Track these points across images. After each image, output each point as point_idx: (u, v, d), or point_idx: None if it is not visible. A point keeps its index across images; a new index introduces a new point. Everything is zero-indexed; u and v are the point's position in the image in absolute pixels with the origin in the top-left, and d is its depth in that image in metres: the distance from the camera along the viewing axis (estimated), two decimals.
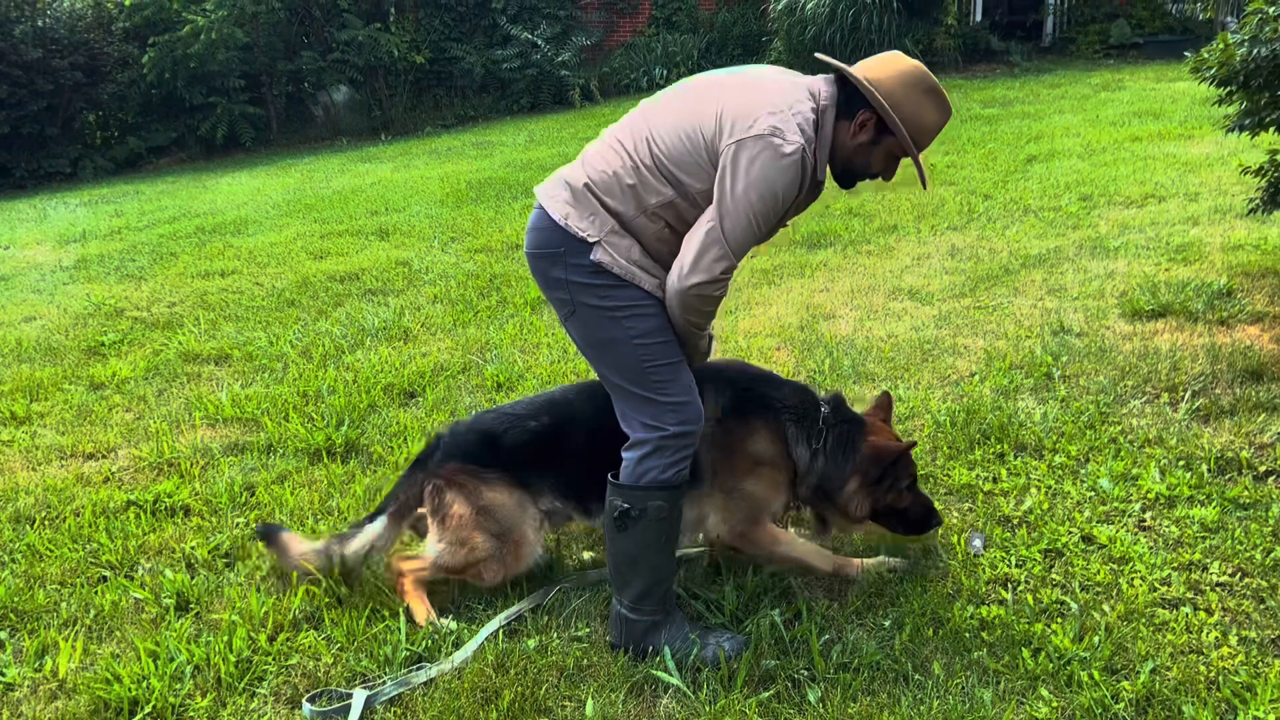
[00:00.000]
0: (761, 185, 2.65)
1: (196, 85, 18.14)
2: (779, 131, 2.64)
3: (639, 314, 2.82)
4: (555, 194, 2.87)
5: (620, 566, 2.93)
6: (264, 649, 3.06)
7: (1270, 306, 5.16)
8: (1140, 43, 17.04)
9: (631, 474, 2.84)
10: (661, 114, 2.85)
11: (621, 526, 2.85)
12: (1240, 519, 3.37)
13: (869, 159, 2.85)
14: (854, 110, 2.78)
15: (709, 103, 2.77)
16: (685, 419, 2.83)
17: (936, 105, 2.79)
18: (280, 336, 6.26)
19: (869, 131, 2.79)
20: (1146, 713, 2.56)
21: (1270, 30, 4.54)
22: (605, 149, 2.87)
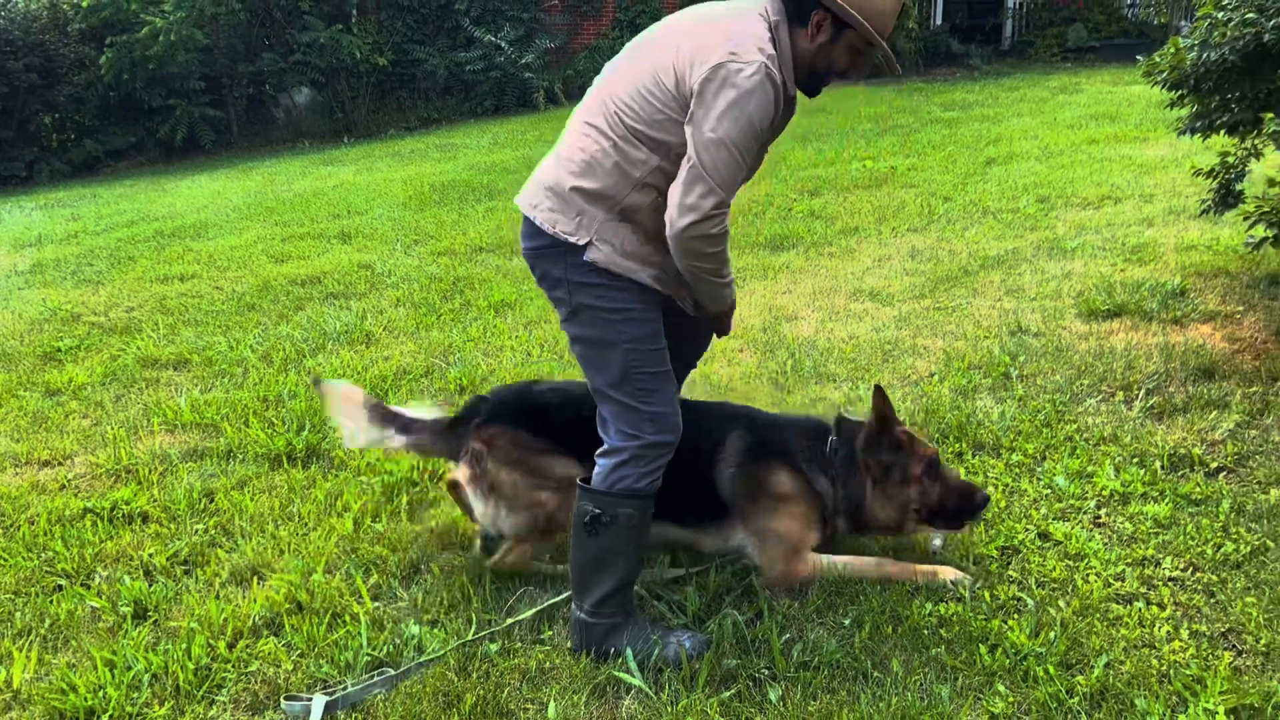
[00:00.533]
0: (735, 111, 2.59)
1: (155, 87, 17.96)
2: (736, 56, 2.60)
3: (633, 319, 2.82)
4: (537, 203, 2.84)
5: (585, 570, 2.92)
6: (223, 656, 3.03)
7: (1222, 306, 5.25)
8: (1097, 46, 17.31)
9: (604, 480, 2.84)
10: (620, 82, 2.80)
11: (591, 531, 2.85)
12: (1192, 515, 3.43)
13: (831, 58, 2.79)
14: (806, 14, 2.73)
15: (663, 53, 2.73)
16: (663, 429, 2.83)
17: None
18: (240, 341, 6.21)
19: (827, 30, 2.73)
20: (1100, 706, 2.60)
21: (1219, 34, 4.62)
22: (577, 136, 2.84)
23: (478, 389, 5.07)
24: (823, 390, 4.71)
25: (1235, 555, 3.17)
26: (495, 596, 3.24)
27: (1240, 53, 4.52)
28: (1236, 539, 3.26)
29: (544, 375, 5.18)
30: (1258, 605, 2.92)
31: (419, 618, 3.17)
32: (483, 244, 8.41)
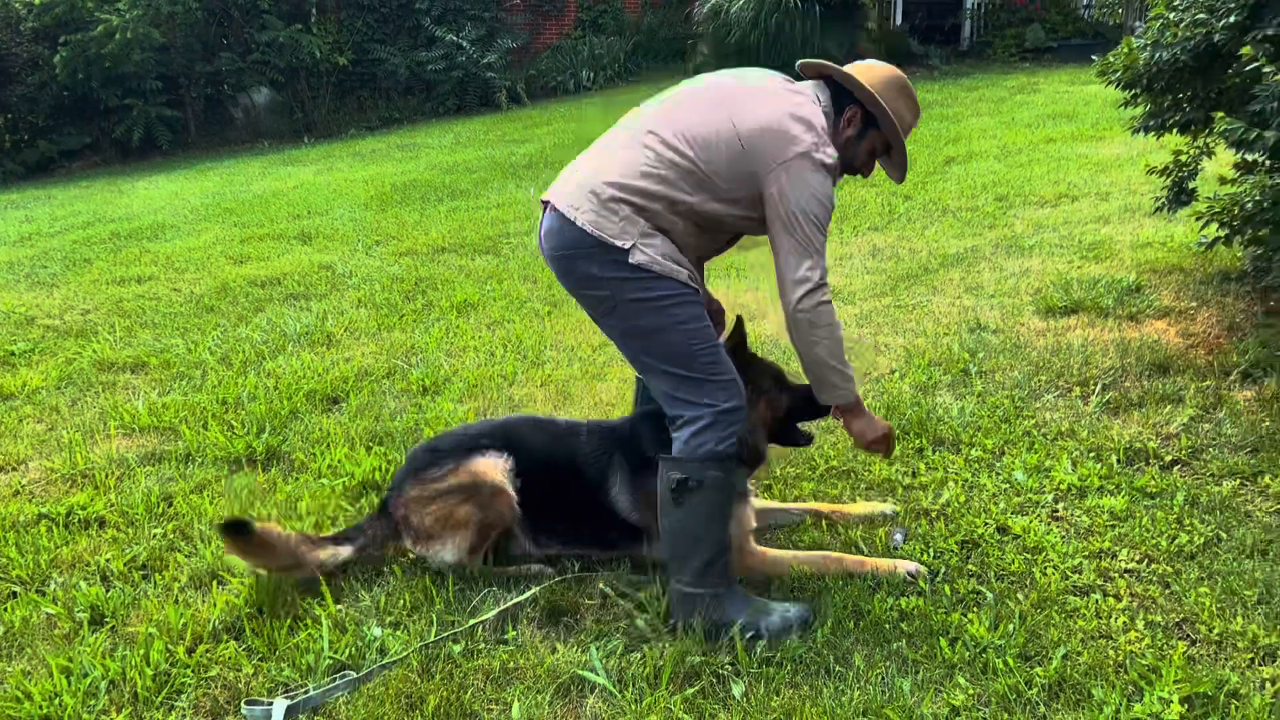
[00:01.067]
0: (819, 193, 2.84)
1: (111, 87, 17.68)
2: (819, 146, 2.84)
3: (683, 301, 2.87)
4: (578, 203, 2.87)
5: (678, 541, 2.96)
6: (182, 661, 3.00)
7: (1176, 302, 5.33)
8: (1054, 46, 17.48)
9: (686, 447, 2.89)
10: (686, 116, 2.92)
11: (679, 500, 2.89)
12: (1147, 507, 3.48)
13: (854, 154, 3.07)
14: (840, 108, 3.02)
15: (736, 109, 2.88)
16: (733, 395, 2.91)
17: (911, 106, 3.09)
18: (199, 343, 6.15)
19: (855, 126, 3.04)
20: (1058, 697, 2.64)
21: (1171, 35, 4.69)
22: (629, 153, 2.90)
23: (440, 390, 5.06)
24: None
25: (1189, 547, 3.23)
26: (459, 597, 3.23)
27: (1191, 53, 4.60)
28: (1190, 531, 3.31)
29: (507, 374, 5.18)
30: (1211, 595, 2.97)
31: (381, 620, 3.15)
32: (445, 244, 8.37)
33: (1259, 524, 3.33)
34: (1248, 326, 4.85)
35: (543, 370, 5.24)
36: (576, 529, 3.41)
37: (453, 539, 3.28)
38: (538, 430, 3.48)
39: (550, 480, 3.34)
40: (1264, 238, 4.32)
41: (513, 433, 3.43)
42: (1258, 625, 2.82)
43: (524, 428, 3.49)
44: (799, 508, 3.65)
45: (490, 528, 3.29)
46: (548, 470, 3.35)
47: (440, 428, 4.49)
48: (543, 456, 3.37)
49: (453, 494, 3.26)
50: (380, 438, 4.50)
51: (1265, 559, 3.13)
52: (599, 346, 5.53)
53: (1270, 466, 3.66)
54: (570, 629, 3.08)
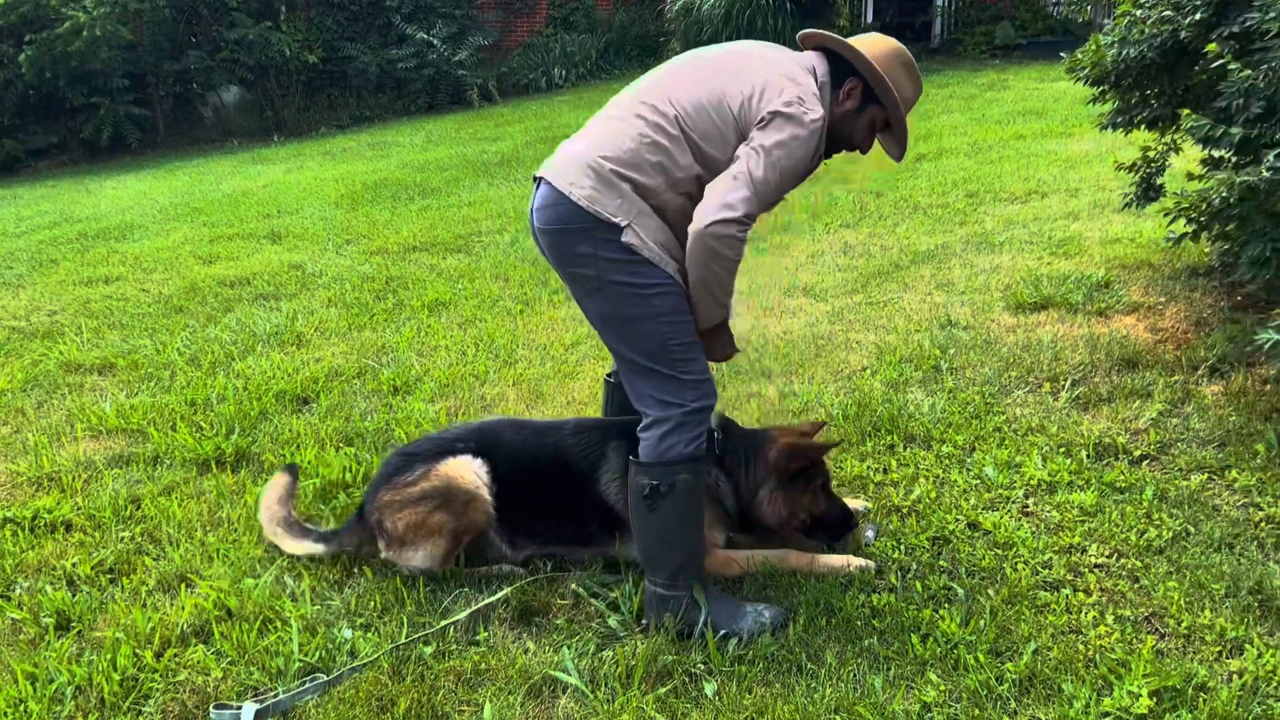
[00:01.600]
0: (792, 145, 2.74)
1: (78, 85, 17.46)
2: (803, 102, 2.76)
3: (665, 292, 2.84)
4: (575, 178, 2.82)
5: (652, 545, 2.96)
6: (150, 666, 2.97)
7: (1145, 297, 5.37)
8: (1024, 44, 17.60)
9: (654, 451, 2.86)
10: (680, 87, 2.87)
11: (651, 505, 2.87)
12: (1117, 502, 3.51)
13: (852, 128, 3.00)
14: (840, 80, 2.94)
15: (729, 78, 2.84)
16: (704, 394, 2.88)
17: (912, 79, 3.00)
18: (167, 344, 6.09)
19: (855, 99, 2.95)
20: (1029, 692, 2.65)
21: (1138, 32, 4.72)
22: (623, 125, 2.86)
23: (411, 390, 5.03)
24: (757, 387, 4.73)
25: (1158, 541, 3.25)
26: (430, 599, 3.21)
27: (1158, 50, 4.63)
28: (1159, 525, 3.34)
29: (479, 373, 5.15)
30: (1179, 589, 2.99)
31: (352, 622, 3.13)
32: (416, 243, 8.33)
33: (1226, 518, 3.36)
34: (1215, 322, 4.89)
35: (515, 369, 5.22)
36: (556, 527, 3.38)
37: (425, 546, 3.25)
38: (515, 430, 3.46)
39: (530, 480, 3.32)
40: (1231, 233, 4.35)
41: (488, 435, 3.41)
42: (1225, 619, 2.85)
43: (501, 429, 3.47)
44: None
45: (464, 534, 3.27)
46: (527, 469, 3.32)
47: (411, 428, 4.47)
48: (521, 456, 3.34)
49: (426, 500, 3.23)
50: (351, 438, 4.47)
51: (1232, 552, 3.16)
52: (571, 345, 5.51)
53: (1237, 461, 3.70)
54: (542, 629, 3.07)
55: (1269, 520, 3.31)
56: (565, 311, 6.14)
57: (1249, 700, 2.53)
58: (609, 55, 20.34)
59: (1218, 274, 5.50)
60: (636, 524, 2.97)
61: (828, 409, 4.38)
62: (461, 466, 3.26)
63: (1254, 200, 3.74)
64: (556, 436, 3.36)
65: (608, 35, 20.61)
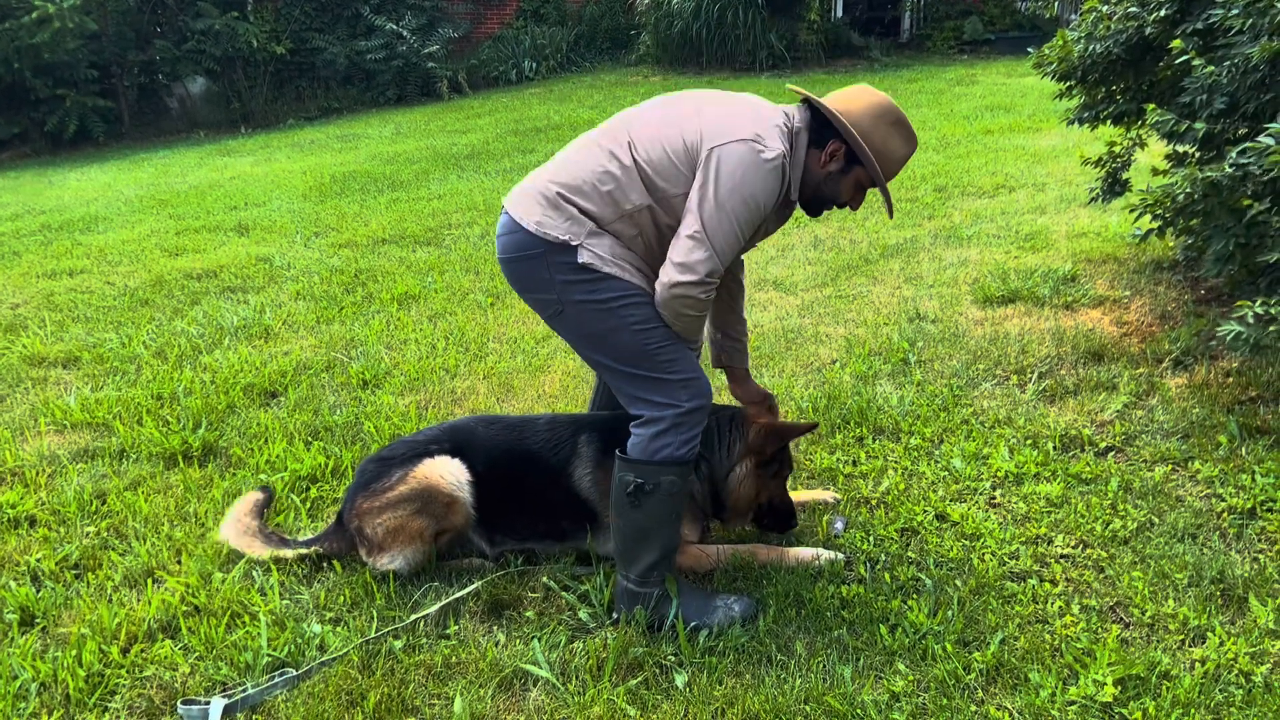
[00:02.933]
0: (744, 189, 2.69)
1: (42, 76, 17.22)
2: (760, 138, 2.71)
3: (632, 302, 2.82)
4: (528, 207, 2.84)
5: (629, 541, 2.95)
6: (116, 661, 2.94)
7: (1110, 291, 5.43)
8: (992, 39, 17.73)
9: (645, 450, 2.85)
10: (642, 123, 2.86)
11: (635, 502, 2.86)
12: (1082, 494, 3.55)
13: (837, 188, 2.94)
14: (824, 140, 2.87)
15: (689, 115, 2.81)
16: (697, 394, 2.86)
17: (903, 137, 2.90)
18: (133, 337, 6.02)
19: (838, 161, 2.89)
20: (996, 681, 2.68)
21: (1104, 28, 4.77)
22: (581, 155, 2.87)
23: (381, 383, 5.00)
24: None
25: (1123, 531, 3.29)
26: (400, 593, 3.20)
27: (1124, 45, 4.68)
28: (1124, 516, 3.38)
29: (449, 367, 5.14)
30: (1144, 579, 3.03)
31: (321, 616, 3.12)
32: (385, 236, 8.28)
33: (1190, 508, 3.40)
34: (1179, 315, 4.96)
35: (485, 363, 5.21)
36: (532, 523, 3.37)
37: (406, 550, 3.22)
38: (488, 427, 3.43)
39: (506, 477, 3.30)
40: (1195, 228, 4.41)
41: (461, 433, 3.39)
42: (1188, 608, 2.89)
43: (474, 426, 3.45)
44: None
45: (444, 536, 3.26)
46: (503, 467, 3.30)
47: (381, 421, 4.45)
48: (496, 453, 3.32)
49: (405, 504, 3.20)
50: (319, 432, 4.44)
51: (1195, 543, 3.20)
52: (543, 339, 5.50)
53: (1200, 452, 3.75)
54: (513, 622, 3.07)
55: (1231, 510, 3.36)
56: None
57: (1210, 688, 2.57)
58: (579, 48, 20.30)
59: (1182, 268, 5.57)
60: (616, 519, 2.96)
61: (798, 401, 4.40)
62: (440, 468, 3.23)
63: (1217, 196, 3.79)
64: (530, 432, 3.35)
65: (578, 28, 20.57)
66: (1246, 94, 3.93)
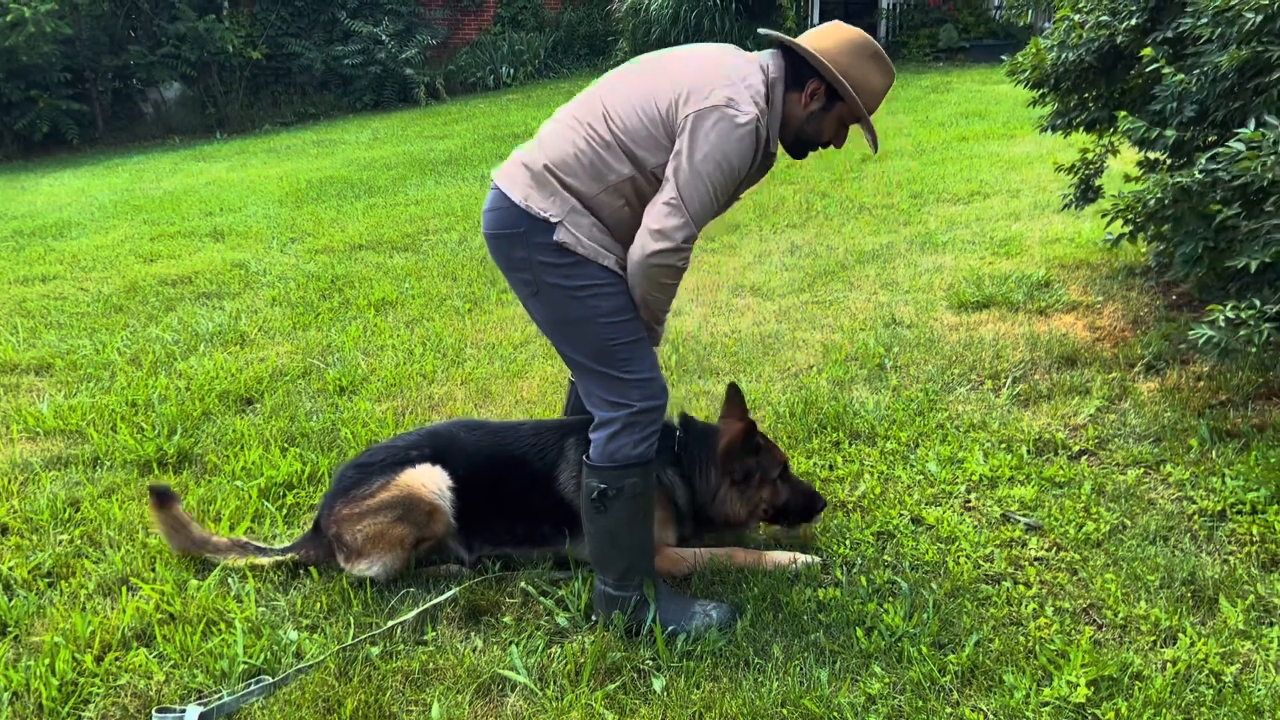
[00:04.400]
0: (718, 154, 2.69)
1: (15, 80, 17.08)
2: (733, 102, 2.70)
3: (603, 293, 2.82)
4: (514, 176, 2.84)
5: (602, 546, 2.95)
6: (90, 670, 2.92)
7: (1084, 296, 5.48)
8: (966, 47, 17.87)
9: (603, 453, 2.86)
10: (616, 91, 2.86)
11: (600, 508, 2.87)
12: (1056, 497, 3.58)
13: (820, 126, 2.94)
14: (802, 80, 2.86)
15: (663, 79, 2.81)
16: (650, 394, 2.86)
17: (881, 69, 2.90)
18: (107, 344, 5.98)
19: (819, 99, 2.88)
20: (971, 683, 2.69)
21: (1076, 36, 4.82)
22: (562, 128, 2.86)
23: (358, 389, 4.99)
24: (706, 385, 4.76)
25: (1096, 534, 3.32)
26: (376, 599, 3.19)
27: (1096, 53, 4.73)
28: (1097, 518, 3.41)
29: (427, 373, 5.13)
30: (1116, 581, 3.06)
31: (297, 623, 3.10)
32: (362, 241, 8.26)
33: (1161, 511, 3.44)
34: (1151, 320, 5.01)
35: (463, 369, 5.20)
36: (511, 528, 3.36)
37: (384, 557, 3.21)
38: (470, 432, 3.43)
39: (487, 482, 3.29)
40: (1166, 234, 4.45)
41: (442, 438, 3.37)
42: (1160, 609, 2.91)
43: (454, 431, 3.44)
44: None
45: (423, 543, 3.25)
46: (485, 472, 3.30)
47: (358, 428, 4.43)
48: (478, 459, 3.31)
49: (386, 511, 3.19)
50: (296, 438, 4.43)
51: (1167, 544, 3.24)
52: (520, 344, 5.50)
53: (1172, 455, 3.79)
54: (491, 628, 3.06)
55: (1201, 513, 3.40)
56: (514, 310, 6.13)
57: (1182, 688, 2.60)
58: (557, 54, 20.33)
59: (1153, 273, 5.63)
60: (587, 525, 2.97)
61: (775, 406, 4.42)
62: (422, 476, 3.22)
63: (1187, 202, 3.83)
64: (514, 437, 3.35)
65: (556, 34, 20.60)
66: (1216, 101, 3.98)
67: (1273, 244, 3.46)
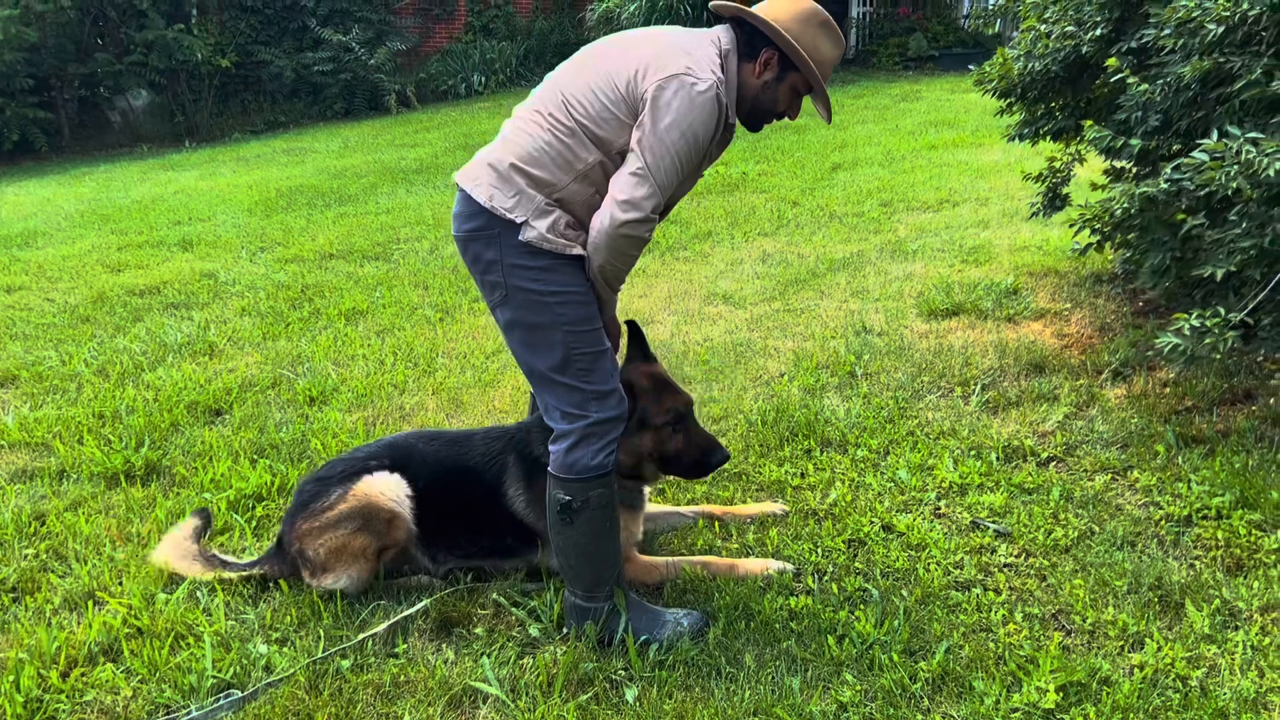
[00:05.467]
0: (682, 123, 2.70)
1: None
2: (691, 70, 2.72)
3: (571, 301, 2.81)
4: (478, 177, 2.83)
5: (570, 558, 2.94)
6: (56, 686, 2.88)
7: (1052, 304, 5.54)
8: (936, 56, 18.02)
9: (563, 464, 2.85)
10: (573, 77, 2.85)
11: (566, 520, 2.86)
12: (1025, 503, 3.60)
13: (775, 96, 2.95)
14: (755, 50, 2.88)
15: (618, 59, 2.81)
16: (608, 405, 2.86)
17: (831, 39, 2.91)
18: (74, 355, 5.91)
19: (773, 69, 2.89)
20: (941, 690, 2.71)
21: (1043, 46, 4.87)
22: (525, 123, 2.85)
23: (328, 400, 4.96)
24: None
25: (1064, 540, 3.35)
26: (347, 611, 3.17)
27: (1062, 63, 4.78)
28: (1065, 525, 3.44)
29: (398, 382, 5.10)
30: (1084, 587, 3.08)
31: (267, 636, 3.08)
32: (333, 250, 8.22)
33: (1129, 517, 3.47)
34: (1118, 327, 5.06)
35: (434, 378, 5.18)
36: (475, 539, 3.35)
37: (348, 569, 3.19)
38: (428, 443, 3.41)
39: (446, 492, 3.28)
40: (1132, 242, 4.51)
41: (400, 449, 3.36)
42: (1127, 614, 2.94)
43: (413, 442, 3.42)
44: (691, 510, 3.68)
45: (386, 552, 3.24)
46: (443, 482, 3.28)
47: (328, 439, 4.41)
48: (436, 469, 3.30)
49: (345, 523, 3.17)
50: (265, 449, 4.39)
51: (1134, 550, 3.27)
52: (492, 354, 5.49)
53: (1139, 461, 3.83)
54: (462, 639, 3.05)
55: (1168, 518, 3.44)
56: (486, 320, 6.12)
57: (1149, 692, 2.62)
58: (529, 62, 20.32)
59: (1120, 281, 5.69)
60: (553, 537, 2.96)
61: (747, 414, 4.43)
62: (379, 484, 3.21)
63: (1153, 211, 3.88)
64: (466, 448, 3.34)
65: (527, 43, 20.59)
66: (1179, 111, 4.04)
67: (1237, 253, 3.50)
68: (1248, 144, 3.19)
